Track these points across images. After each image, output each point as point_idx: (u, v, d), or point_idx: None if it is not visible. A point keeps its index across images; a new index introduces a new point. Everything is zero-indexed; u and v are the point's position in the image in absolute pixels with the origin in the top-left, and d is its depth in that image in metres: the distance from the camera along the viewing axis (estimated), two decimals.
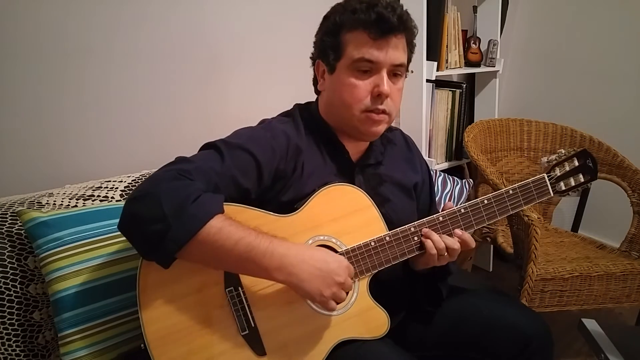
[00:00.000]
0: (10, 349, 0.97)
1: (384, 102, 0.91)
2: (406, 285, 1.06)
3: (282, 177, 0.92)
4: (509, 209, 0.98)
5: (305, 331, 0.87)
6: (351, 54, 0.90)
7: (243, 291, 0.84)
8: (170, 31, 1.42)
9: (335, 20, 0.92)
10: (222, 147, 0.86)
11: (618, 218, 1.83)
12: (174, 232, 0.73)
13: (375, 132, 0.95)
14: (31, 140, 1.24)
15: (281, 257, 0.78)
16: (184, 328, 0.81)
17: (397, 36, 0.90)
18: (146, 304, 0.80)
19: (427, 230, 0.93)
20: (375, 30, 0.88)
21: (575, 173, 1.03)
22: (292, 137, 0.94)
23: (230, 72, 1.58)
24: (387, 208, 0.99)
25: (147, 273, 0.81)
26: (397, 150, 1.10)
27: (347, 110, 0.93)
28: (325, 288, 0.79)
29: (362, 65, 0.90)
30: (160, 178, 0.78)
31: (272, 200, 0.91)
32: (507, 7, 2.27)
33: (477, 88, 2.31)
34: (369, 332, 0.91)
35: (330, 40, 0.93)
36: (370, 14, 0.88)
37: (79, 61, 1.27)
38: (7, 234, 0.99)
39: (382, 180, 1.03)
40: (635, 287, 1.55)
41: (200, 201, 0.75)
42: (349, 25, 0.90)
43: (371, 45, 0.88)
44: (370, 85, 0.91)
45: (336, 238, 0.92)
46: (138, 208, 0.76)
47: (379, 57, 0.89)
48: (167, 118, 1.48)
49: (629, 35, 2.09)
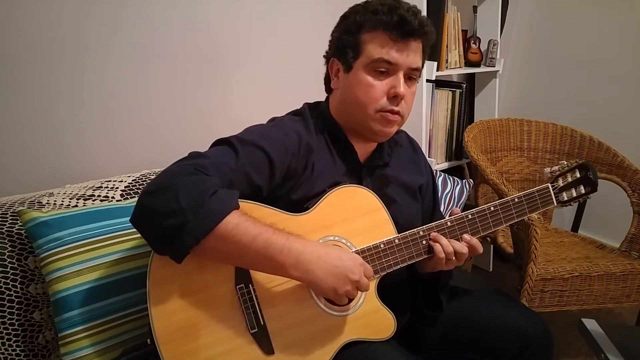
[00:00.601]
0: (11, 349, 0.97)
1: (399, 103, 0.92)
2: (411, 287, 1.06)
3: (293, 175, 0.92)
4: (514, 216, 1.01)
5: (313, 331, 0.87)
6: (370, 53, 0.90)
7: (254, 289, 0.84)
8: (171, 30, 1.41)
9: (356, 19, 0.92)
10: (235, 143, 0.86)
11: (618, 218, 1.83)
12: (192, 226, 0.72)
13: (388, 132, 0.96)
14: (31, 140, 1.24)
15: (298, 253, 0.78)
16: (192, 324, 0.81)
17: (417, 40, 0.91)
18: (156, 298, 0.80)
19: (436, 234, 0.94)
20: (396, 32, 0.89)
21: (577, 184, 1.05)
22: (303, 136, 0.94)
23: (230, 71, 1.58)
24: (392, 209, 0.99)
25: (158, 268, 0.80)
26: (403, 152, 1.11)
27: (362, 109, 0.93)
28: (340, 285, 0.80)
29: (380, 65, 0.90)
30: (177, 172, 0.78)
31: (283, 198, 0.91)
32: (507, 7, 2.28)
33: (477, 88, 2.31)
34: (376, 334, 0.91)
35: (350, 38, 0.93)
36: (392, 15, 0.88)
37: (79, 61, 1.27)
38: (7, 234, 0.99)
39: (388, 181, 1.04)
40: (635, 287, 1.56)
41: (217, 196, 0.75)
42: (369, 25, 0.91)
43: (391, 47, 0.89)
44: (386, 86, 0.91)
45: (346, 239, 0.92)
46: (153, 201, 0.75)
47: (398, 59, 0.90)
48: (168, 118, 1.48)
49: (629, 35, 2.09)
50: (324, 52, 1.03)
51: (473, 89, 2.31)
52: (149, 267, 0.80)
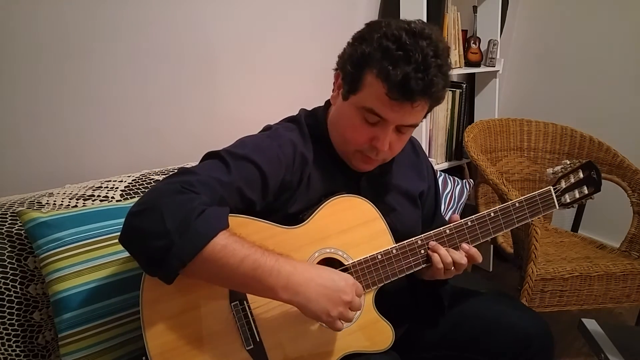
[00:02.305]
0: (10, 349, 0.97)
1: (379, 153, 0.89)
2: (410, 297, 1.05)
3: (288, 188, 0.90)
4: (515, 221, 0.98)
5: (310, 345, 0.86)
6: (364, 98, 0.84)
7: (248, 305, 0.83)
8: (171, 32, 1.41)
9: (364, 51, 0.83)
10: (227, 157, 0.83)
11: (618, 218, 1.83)
12: (178, 248, 0.70)
13: (365, 169, 0.94)
14: (31, 140, 1.24)
15: (288, 275, 0.75)
16: (188, 342, 0.79)
17: (419, 102, 0.82)
18: (149, 318, 0.78)
19: (435, 243, 0.92)
20: (395, 92, 0.80)
21: (580, 185, 1.03)
22: (298, 146, 0.92)
23: (230, 73, 1.58)
24: (392, 217, 0.97)
25: (150, 287, 0.79)
26: (404, 156, 1.05)
27: (344, 144, 0.92)
28: (332, 307, 0.77)
29: (370, 116, 0.85)
30: (163, 191, 0.75)
31: (279, 211, 0.89)
32: (507, 7, 2.27)
33: (477, 88, 2.31)
34: (374, 346, 0.90)
35: (352, 71, 0.85)
36: (397, 71, 0.78)
37: (79, 61, 1.27)
38: (7, 234, 0.99)
39: (388, 189, 1.02)
40: (635, 287, 1.56)
41: (204, 216, 0.72)
42: (372, 66, 0.82)
43: (385, 104, 0.82)
44: (371, 133, 0.87)
45: (343, 251, 0.90)
46: (139, 223, 0.73)
47: (389, 117, 0.84)
48: (167, 118, 1.48)
49: (629, 35, 2.09)
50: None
51: (473, 89, 2.31)
52: (141, 287, 0.79)
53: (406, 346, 0.94)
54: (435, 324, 1.04)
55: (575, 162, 1.05)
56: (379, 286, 0.91)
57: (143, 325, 0.78)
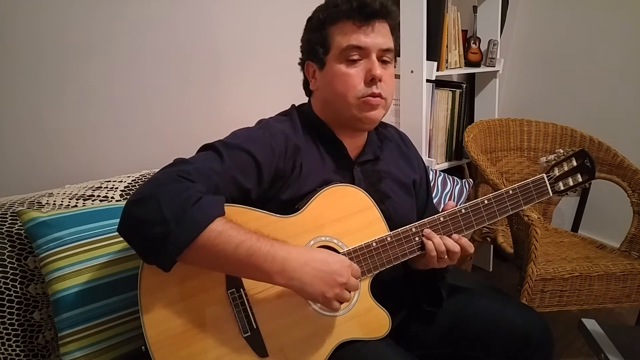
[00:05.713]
0: (10, 349, 0.97)
1: (378, 85, 0.92)
2: (406, 285, 1.06)
3: (281, 176, 0.92)
4: (509, 209, 0.99)
5: (307, 332, 0.87)
6: (339, 44, 0.92)
7: (245, 292, 0.84)
8: (172, 32, 1.42)
9: (319, 17, 0.95)
10: (221, 148, 0.86)
11: (618, 218, 1.83)
12: (175, 235, 0.72)
13: (374, 117, 0.95)
14: (31, 140, 1.24)
15: (283, 260, 0.77)
16: (185, 330, 0.80)
17: (381, 21, 0.93)
18: (147, 306, 0.80)
19: (429, 231, 0.94)
20: (358, 16, 0.90)
21: (573, 173, 1.03)
22: (290, 136, 0.94)
23: (231, 72, 1.58)
24: (387, 205, 0.99)
25: (148, 275, 0.80)
26: (393, 146, 1.10)
27: (343, 100, 0.93)
28: (327, 289, 0.79)
29: (351, 53, 0.91)
30: (160, 180, 0.78)
31: (273, 199, 0.91)
32: (507, 7, 2.27)
33: (477, 88, 2.31)
34: (371, 333, 0.91)
35: (317, 36, 0.95)
36: (351, 2, 0.90)
37: (79, 61, 1.27)
38: (7, 234, 0.99)
39: (381, 176, 1.04)
40: (635, 287, 1.55)
41: (200, 204, 0.74)
42: (332, 18, 0.93)
43: (357, 32, 0.91)
44: (362, 71, 0.92)
45: (337, 239, 0.91)
46: (137, 211, 0.75)
47: (366, 42, 0.91)
48: (167, 118, 1.48)
49: (628, 35, 2.09)
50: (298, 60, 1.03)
51: (473, 89, 2.31)
52: (139, 276, 0.80)
53: (405, 344, 0.94)
54: (433, 317, 1.05)
55: (569, 150, 1.05)
56: (374, 273, 0.92)
57: (141, 313, 0.79)
